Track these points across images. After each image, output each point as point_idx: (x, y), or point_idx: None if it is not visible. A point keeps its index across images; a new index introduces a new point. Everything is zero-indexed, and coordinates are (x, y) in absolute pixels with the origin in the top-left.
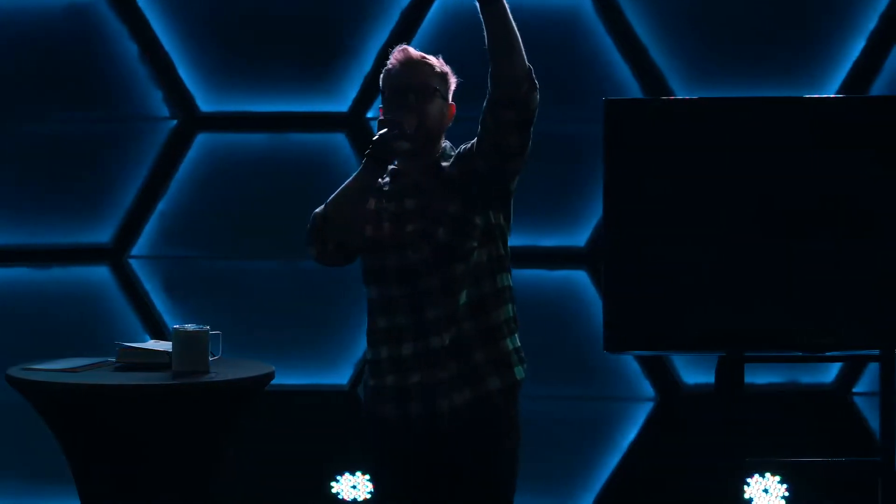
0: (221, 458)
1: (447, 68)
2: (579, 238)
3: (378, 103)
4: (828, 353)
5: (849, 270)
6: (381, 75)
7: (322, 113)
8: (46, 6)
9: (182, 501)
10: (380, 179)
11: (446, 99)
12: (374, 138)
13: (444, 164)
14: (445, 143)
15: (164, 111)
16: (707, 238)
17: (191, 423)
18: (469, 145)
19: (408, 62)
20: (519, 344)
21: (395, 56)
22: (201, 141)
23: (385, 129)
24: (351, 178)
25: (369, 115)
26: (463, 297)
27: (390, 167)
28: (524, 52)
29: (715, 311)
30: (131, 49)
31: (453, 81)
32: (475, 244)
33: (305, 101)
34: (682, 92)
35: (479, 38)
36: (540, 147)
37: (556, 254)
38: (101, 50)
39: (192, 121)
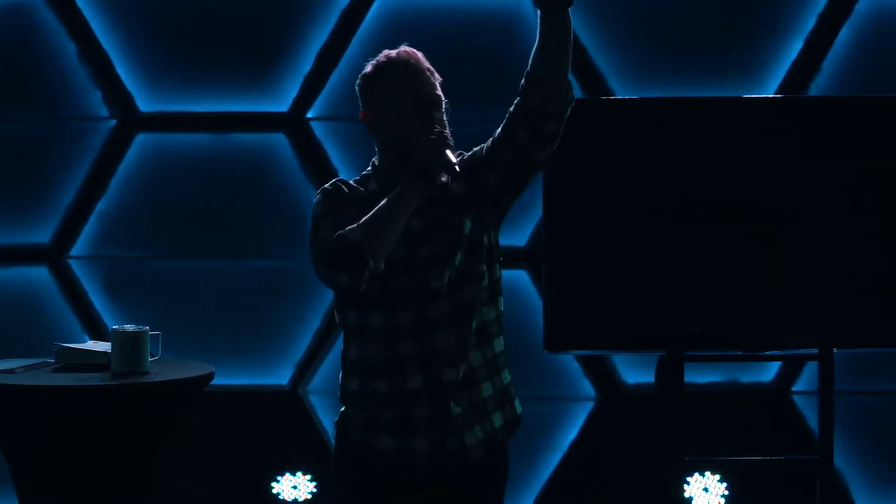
0: (161, 458)
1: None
2: (520, 238)
3: (311, 102)
4: (767, 353)
5: (787, 270)
6: (376, 75)
7: (262, 113)
8: None
9: (122, 502)
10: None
11: None
12: (429, 155)
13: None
14: None
15: (104, 111)
16: (646, 238)
17: (130, 423)
18: (471, 159)
19: (418, 68)
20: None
21: (402, 57)
22: (141, 141)
23: (435, 145)
24: (394, 200)
25: (309, 115)
26: (474, 324)
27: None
28: None
29: (655, 310)
30: (70, 48)
31: None
32: (484, 266)
33: (246, 101)
34: (621, 92)
35: (423, 39)
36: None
37: None
38: (39, 49)
39: (131, 121)
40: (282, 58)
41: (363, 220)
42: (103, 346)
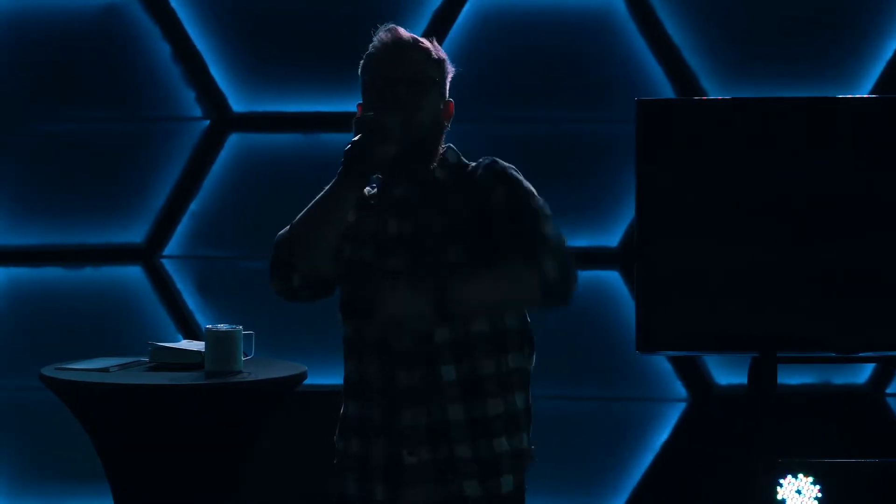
0: (253, 458)
1: (444, 55)
2: (612, 238)
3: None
4: (861, 354)
5: (882, 271)
6: (363, 61)
7: (355, 113)
8: (81, 6)
9: (214, 501)
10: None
11: (444, 94)
12: (349, 144)
13: (441, 174)
14: (446, 147)
15: (197, 111)
16: (739, 238)
17: (223, 422)
18: (484, 171)
19: (397, 45)
20: (526, 444)
21: (381, 37)
22: (234, 141)
23: (363, 133)
24: (322, 193)
25: None
26: (450, 373)
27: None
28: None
29: (748, 311)
30: (164, 49)
31: (451, 72)
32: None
33: (338, 101)
34: (714, 92)
35: (514, 40)
36: (572, 147)
37: (588, 254)
38: (134, 50)
39: (224, 121)
40: None
41: (297, 217)
42: (197, 346)
